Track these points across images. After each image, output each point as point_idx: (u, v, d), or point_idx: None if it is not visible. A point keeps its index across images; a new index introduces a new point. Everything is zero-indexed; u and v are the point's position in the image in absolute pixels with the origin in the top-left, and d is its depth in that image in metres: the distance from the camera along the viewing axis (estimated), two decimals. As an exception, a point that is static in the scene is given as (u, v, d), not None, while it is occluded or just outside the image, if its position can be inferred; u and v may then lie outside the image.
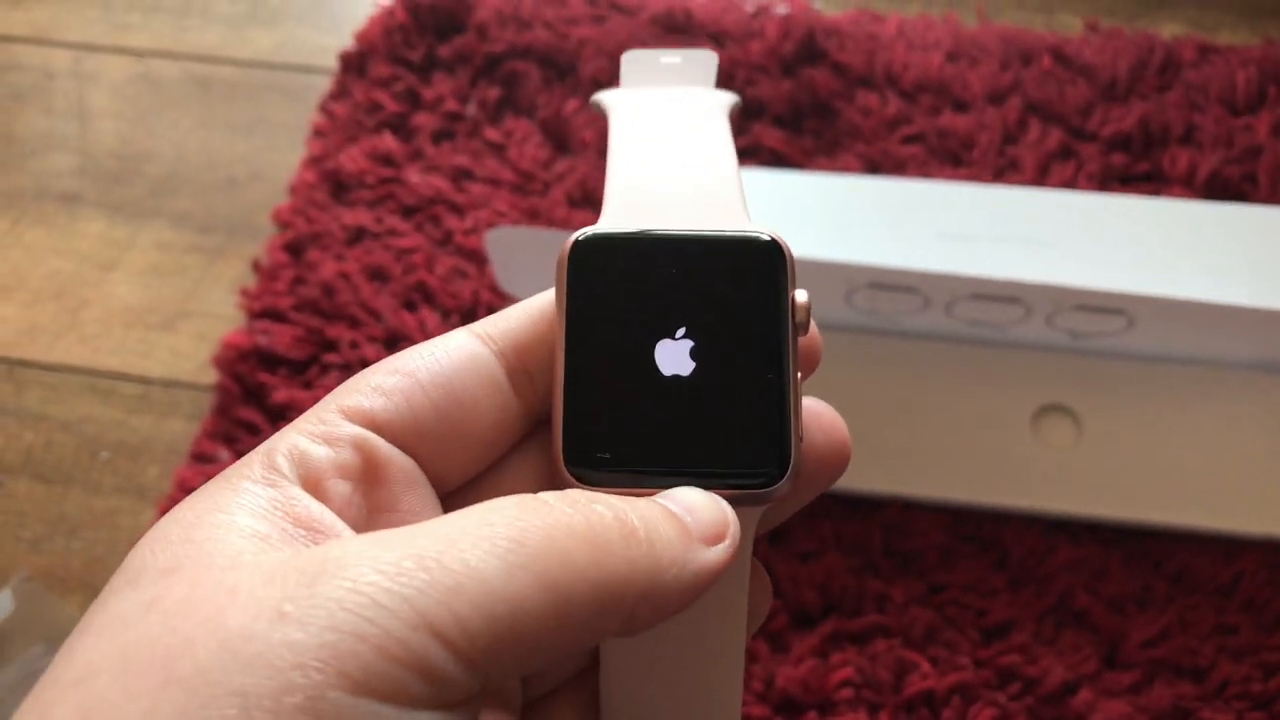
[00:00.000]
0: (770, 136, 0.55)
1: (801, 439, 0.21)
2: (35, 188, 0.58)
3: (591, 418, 0.21)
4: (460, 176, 0.55)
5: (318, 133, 0.58)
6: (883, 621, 0.44)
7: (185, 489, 0.48)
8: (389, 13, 0.60)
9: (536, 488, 0.22)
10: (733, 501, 0.21)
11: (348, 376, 0.50)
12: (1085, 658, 0.43)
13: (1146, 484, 0.45)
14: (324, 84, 0.60)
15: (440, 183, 0.55)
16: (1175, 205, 0.51)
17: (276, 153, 0.58)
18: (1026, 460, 0.46)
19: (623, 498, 0.19)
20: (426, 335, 0.51)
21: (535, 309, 0.22)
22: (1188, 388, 0.46)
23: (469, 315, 0.51)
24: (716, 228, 0.22)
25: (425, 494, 0.21)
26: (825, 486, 0.23)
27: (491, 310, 0.51)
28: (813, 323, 0.22)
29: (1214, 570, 0.44)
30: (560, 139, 0.56)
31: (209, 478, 0.53)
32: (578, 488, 0.21)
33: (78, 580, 0.48)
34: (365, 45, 0.59)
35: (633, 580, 0.18)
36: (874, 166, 0.54)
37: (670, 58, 0.27)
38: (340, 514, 0.20)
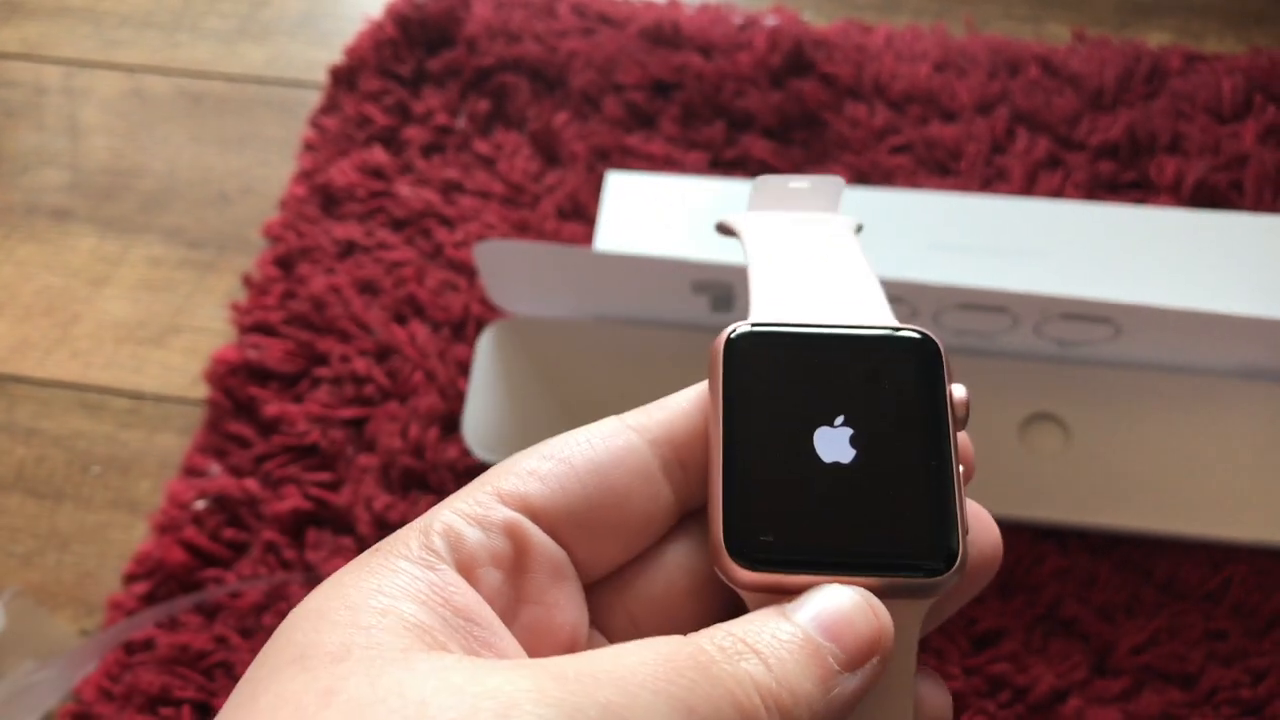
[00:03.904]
0: (759, 148, 0.55)
1: (968, 531, 0.21)
2: (26, 203, 0.59)
3: (752, 505, 0.21)
4: (450, 189, 0.56)
5: (308, 147, 0.58)
6: (873, 631, 0.44)
7: (176, 503, 0.48)
8: (379, 27, 0.60)
9: (685, 581, 0.22)
10: (897, 593, 0.20)
11: (338, 390, 0.50)
12: (1075, 665, 0.43)
13: (1135, 491, 0.45)
14: (314, 98, 0.60)
15: (430, 196, 0.55)
16: (1162, 213, 0.51)
17: (267, 167, 0.58)
18: (1015, 468, 0.46)
19: (771, 633, 0.19)
20: (417, 348, 0.51)
21: (690, 401, 0.22)
22: (1175, 395, 0.47)
23: (459, 328, 0.51)
24: (870, 323, 0.22)
25: (571, 588, 0.21)
26: (980, 588, 0.23)
27: (481, 323, 0.51)
28: (965, 436, 0.22)
29: (1202, 577, 0.45)
30: (550, 151, 0.56)
31: (201, 492, 0.52)
32: (739, 580, 0.20)
33: (69, 595, 0.48)
34: (355, 59, 0.59)
35: None
36: (862, 177, 0.55)
37: (799, 182, 0.27)
38: (490, 602, 0.20)
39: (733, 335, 0.22)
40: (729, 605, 0.21)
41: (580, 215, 0.54)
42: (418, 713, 0.16)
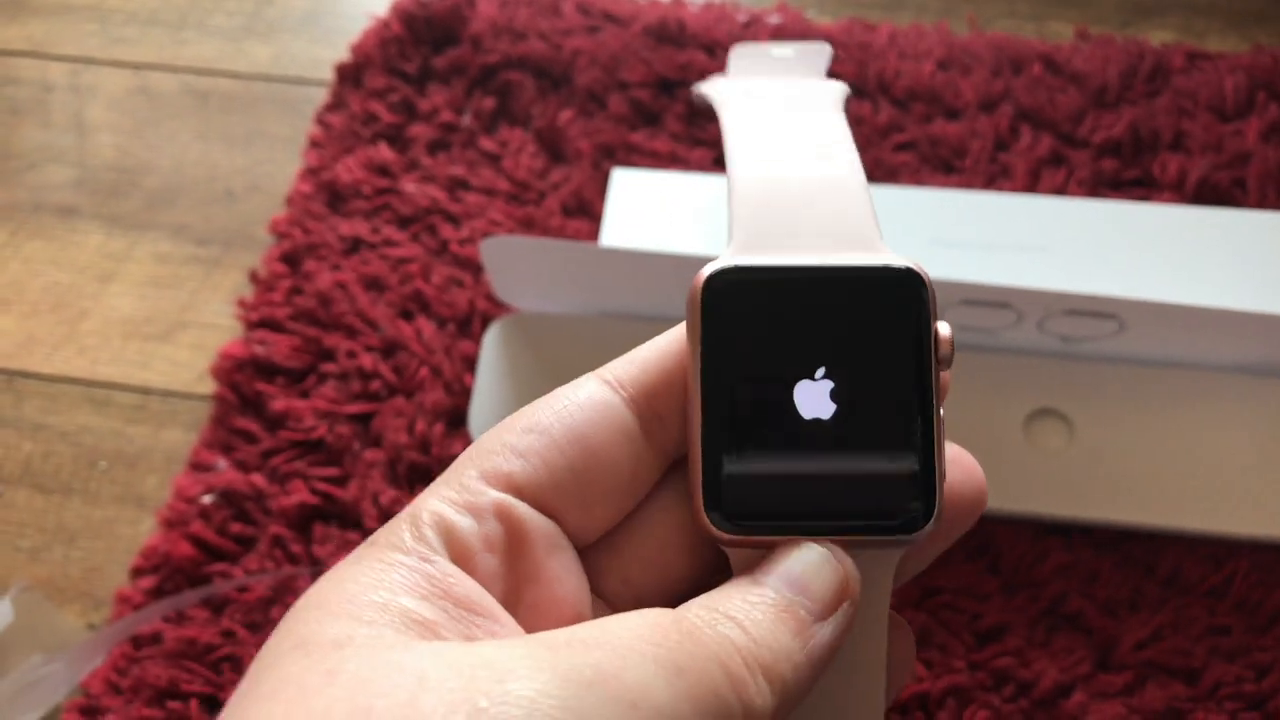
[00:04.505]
0: (763, 145, 0.55)
1: (944, 478, 0.21)
2: (33, 200, 0.59)
3: (731, 464, 0.20)
4: (456, 186, 0.56)
5: (314, 144, 0.58)
6: (877, 625, 0.44)
7: (183, 498, 0.48)
8: (384, 24, 0.60)
9: (676, 537, 0.22)
10: (871, 546, 0.20)
11: (344, 386, 0.51)
12: (1078, 660, 0.44)
13: (1139, 487, 0.45)
14: (320, 96, 0.60)
15: (436, 192, 0.55)
16: (1165, 210, 0.51)
17: (273, 164, 0.59)
18: (1019, 464, 0.46)
19: (748, 601, 0.19)
20: (423, 344, 0.51)
21: (664, 350, 0.22)
22: (1179, 391, 0.47)
23: (465, 324, 0.52)
24: (852, 255, 0.21)
25: (566, 558, 0.21)
26: (963, 530, 0.23)
27: (487, 319, 0.51)
28: (948, 374, 0.22)
29: (1206, 572, 0.45)
30: (555, 149, 0.57)
31: (208, 486, 0.52)
32: (719, 538, 0.21)
33: (76, 590, 0.48)
34: (361, 57, 0.60)
35: (761, 698, 0.19)
36: (866, 174, 0.55)
37: (782, 50, 0.25)
38: (489, 588, 0.20)
39: (710, 276, 0.21)
40: (721, 558, 0.21)
41: (585, 212, 0.54)
42: (417, 684, 0.17)
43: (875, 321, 0.21)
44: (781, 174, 0.23)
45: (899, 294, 0.21)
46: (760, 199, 0.22)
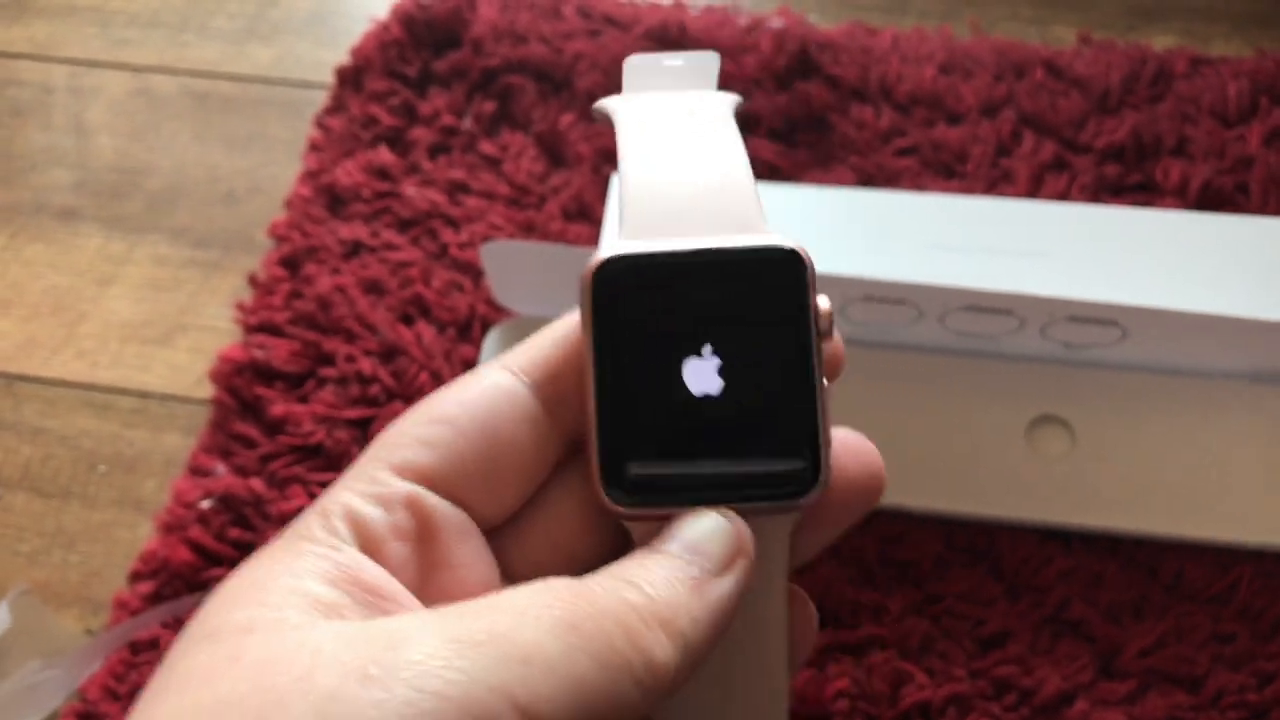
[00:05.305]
0: (764, 150, 0.55)
1: (829, 444, 0.22)
2: (33, 203, 0.59)
3: (625, 442, 0.21)
4: (456, 190, 0.56)
5: (314, 147, 0.58)
6: (878, 632, 0.44)
7: (182, 502, 0.48)
8: (385, 28, 0.60)
9: (580, 518, 0.23)
10: (769, 514, 0.21)
11: (344, 390, 0.50)
12: (1081, 667, 0.43)
13: (1141, 494, 0.45)
14: (321, 99, 0.60)
15: (436, 196, 0.55)
16: (1168, 216, 0.51)
17: (274, 167, 0.59)
18: (1021, 471, 0.46)
19: (644, 566, 0.20)
20: (423, 349, 0.51)
21: (561, 335, 0.23)
22: (1181, 398, 0.47)
23: (465, 329, 0.51)
24: (736, 239, 0.22)
25: (476, 544, 0.22)
26: (860, 515, 0.24)
27: (486, 323, 0.51)
28: (836, 331, 0.23)
29: (1209, 579, 0.45)
30: (556, 153, 0.56)
31: (206, 491, 0.52)
32: (618, 513, 0.21)
33: (75, 594, 0.48)
34: (361, 60, 0.60)
35: (661, 651, 0.19)
36: (868, 179, 0.55)
37: (672, 60, 0.27)
38: (398, 575, 0.21)
39: (598, 265, 0.22)
40: (625, 537, 0.22)
41: (586, 216, 0.54)
42: (313, 659, 0.17)
43: (758, 299, 0.22)
44: (669, 173, 0.24)
45: (780, 272, 0.22)
46: (648, 193, 0.23)
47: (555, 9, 0.60)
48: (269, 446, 0.49)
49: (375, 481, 0.21)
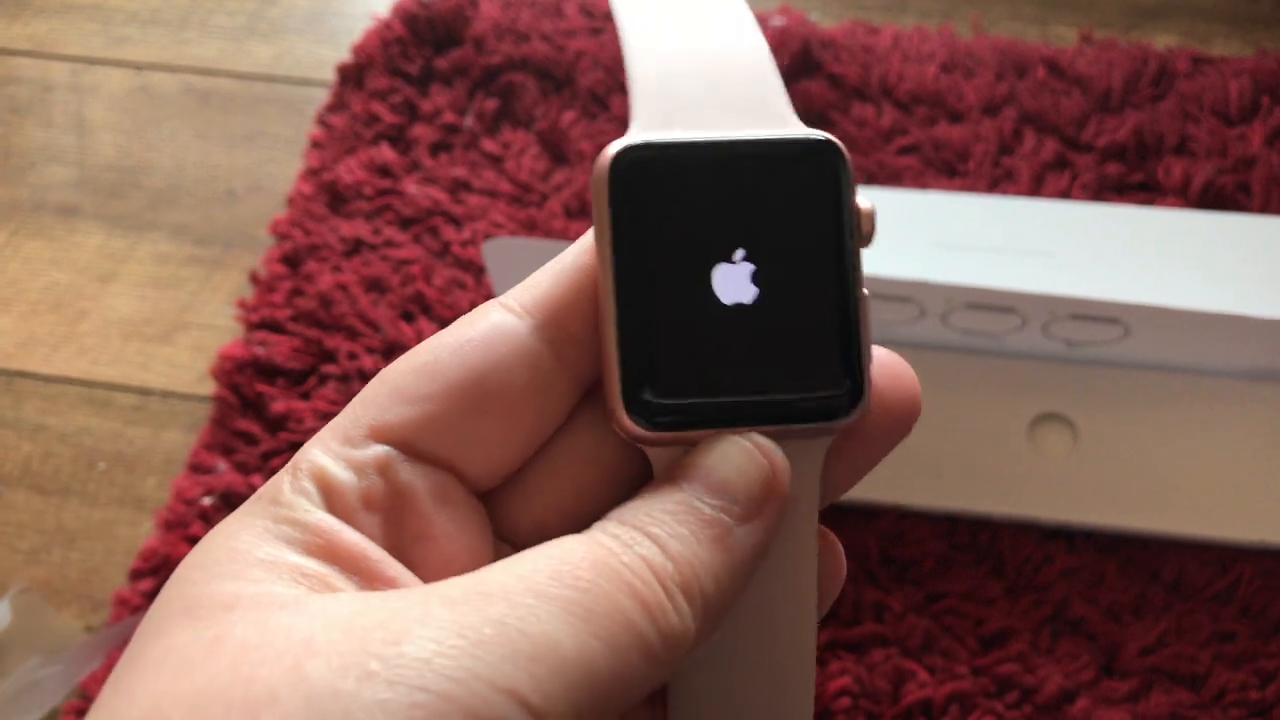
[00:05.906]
0: (766, 147, 0.55)
1: (871, 361, 0.20)
2: (34, 200, 0.59)
3: (649, 359, 0.19)
4: (458, 188, 0.56)
5: (315, 145, 0.58)
6: (880, 630, 0.44)
7: (183, 499, 0.48)
8: (386, 25, 0.60)
9: (591, 470, 0.21)
10: (802, 437, 0.19)
11: (345, 388, 0.50)
12: (1083, 666, 0.43)
13: (1143, 492, 0.45)
14: (322, 96, 0.60)
15: (438, 194, 0.55)
16: (1169, 215, 0.51)
17: (275, 164, 0.58)
18: (1023, 469, 0.46)
19: (664, 512, 0.18)
20: (424, 346, 0.51)
21: (569, 267, 0.20)
22: (1183, 396, 0.47)
23: (466, 326, 0.51)
24: (764, 128, 0.20)
25: (460, 510, 0.20)
26: (895, 442, 0.21)
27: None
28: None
29: (1211, 578, 0.45)
30: (557, 150, 0.56)
31: (207, 488, 0.52)
32: (640, 437, 0.19)
33: (75, 591, 0.48)
34: (363, 58, 0.60)
35: (679, 618, 0.18)
36: (870, 177, 0.55)
37: None
38: (374, 542, 0.19)
39: (617, 155, 0.19)
40: (639, 486, 0.20)
41: (587, 214, 0.54)
42: (304, 651, 0.16)
43: (793, 197, 0.20)
44: (682, 45, 0.21)
45: (817, 167, 0.20)
46: (662, 73, 0.21)
47: (557, 7, 0.60)
48: (270, 444, 0.49)
49: (348, 440, 0.20)
